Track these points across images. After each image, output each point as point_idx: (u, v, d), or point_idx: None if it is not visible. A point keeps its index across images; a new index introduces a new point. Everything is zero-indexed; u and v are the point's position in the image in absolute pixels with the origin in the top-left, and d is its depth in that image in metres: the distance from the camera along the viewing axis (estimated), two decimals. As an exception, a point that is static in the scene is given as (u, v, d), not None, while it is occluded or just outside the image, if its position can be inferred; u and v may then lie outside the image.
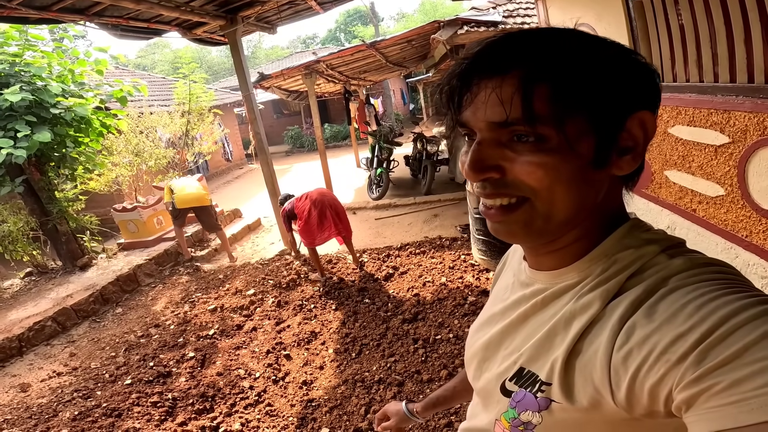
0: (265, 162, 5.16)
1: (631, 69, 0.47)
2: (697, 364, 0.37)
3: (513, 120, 0.45)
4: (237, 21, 4.70)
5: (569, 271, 0.53)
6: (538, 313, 0.55)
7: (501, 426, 0.57)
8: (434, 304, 3.61)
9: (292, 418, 2.64)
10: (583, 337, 0.47)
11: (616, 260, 0.49)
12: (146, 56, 36.03)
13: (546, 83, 0.44)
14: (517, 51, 0.46)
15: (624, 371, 0.42)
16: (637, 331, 0.42)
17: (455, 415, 2.42)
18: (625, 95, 0.46)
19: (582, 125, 0.45)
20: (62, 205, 5.42)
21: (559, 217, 0.48)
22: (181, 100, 8.46)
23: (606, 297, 0.47)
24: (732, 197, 2.20)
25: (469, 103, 0.49)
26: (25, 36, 5.06)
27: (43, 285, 5.14)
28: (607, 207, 0.51)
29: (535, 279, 0.57)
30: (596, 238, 0.51)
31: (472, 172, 0.49)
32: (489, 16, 5.57)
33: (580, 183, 0.47)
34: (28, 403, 3.08)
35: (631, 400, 0.42)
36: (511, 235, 0.52)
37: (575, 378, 0.47)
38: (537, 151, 0.46)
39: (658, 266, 0.46)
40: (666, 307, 0.42)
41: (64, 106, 4.99)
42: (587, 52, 0.46)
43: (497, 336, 0.61)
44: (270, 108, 19.24)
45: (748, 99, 1.99)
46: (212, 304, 4.25)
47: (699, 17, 2.18)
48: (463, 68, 0.49)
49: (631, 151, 0.48)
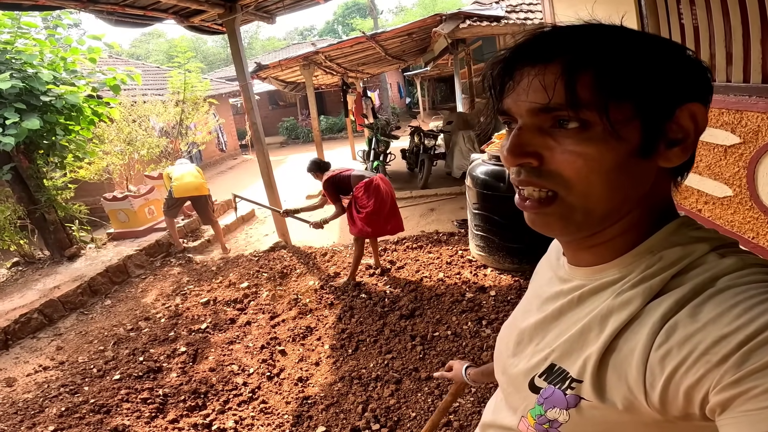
0: (261, 152, 5.06)
1: (682, 61, 0.46)
2: (738, 366, 0.35)
3: (555, 104, 0.44)
4: (236, 9, 4.60)
5: (611, 267, 0.51)
6: (574, 310, 0.54)
7: (526, 423, 0.56)
8: (432, 300, 3.56)
9: (287, 416, 2.58)
10: (620, 335, 0.46)
11: (662, 257, 0.47)
12: (140, 46, 35.51)
13: (590, 69, 0.44)
14: (561, 41, 0.46)
15: (660, 371, 0.41)
16: (679, 331, 0.40)
17: (454, 414, 2.38)
18: (674, 85, 0.45)
19: (627, 112, 0.44)
20: (51, 194, 5.29)
21: (600, 210, 0.47)
22: (175, 89, 8.31)
23: (648, 294, 0.45)
24: (740, 198, 2.16)
25: (511, 91, 0.49)
26: (17, 23, 4.95)
27: (29, 275, 5.02)
28: (654, 201, 0.50)
29: (574, 275, 0.56)
30: (642, 233, 0.50)
31: (511, 156, 0.48)
32: (492, 11, 5.50)
33: (623, 173, 0.45)
34: (14, 398, 2.99)
35: (665, 402, 0.41)
36: (548, 227, 0.50)
37: (608, 376, 0.46)
38: (579, 139, 0.45)
39: (706, 265, 0.44)
40: (712, 308, 0.39)
41: (55, 94, 4.88)
42: (633, 42, 0.45)
43: (530, 331, 0.60)
44: (266, 99, 19.08)
45: (762, 99, 1.95)
46: (205, 296, 4.17)
47: (715, 16, 2.13)
48: (506, 56, 0.49)
49: (680, 142, 0.46)
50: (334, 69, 8.72)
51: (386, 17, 42.45)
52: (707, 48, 2.23)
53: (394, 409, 2.49)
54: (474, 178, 3.82)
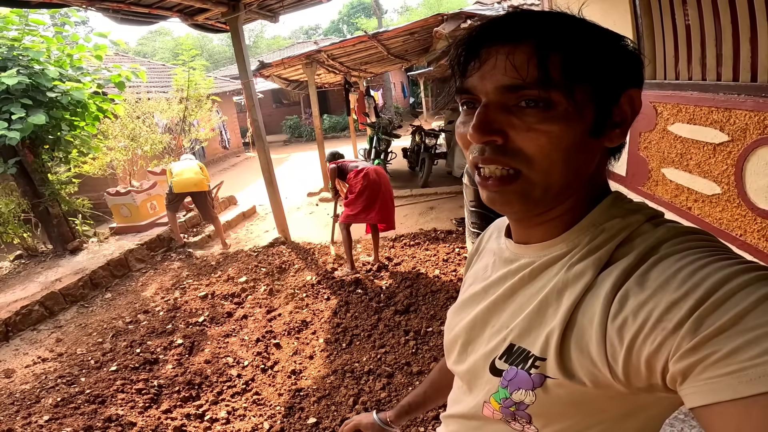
0: (262, 149, 5.11)
1: (626, 50, 0.50)
2: (693, 332, 0.36)
3: (528, 83, 0.46)
4: (239, 8, 4.64)
5: (558, 242, 0.53)
6: (526, 287, 0.54)
7: (490, 408, 0.55)
8: (427, 296, 3.59)
9: (279, 407, 2.62)
10: (578, 308, 0.47)
11: (604, 229, 0.49)
12: (147, 44, 35.75)
13: (559, 52, 0.46)
14: (531, 24, 0.48)
15: (620, 342, 0.41)
16: (631, 299, 0.41)
17: (443, 408, 2.39)
18: (621, 72, 0.49)
19: (586, 94, 0.47)
20: (55, 188, 5.37)
21: (557, 186, 0.49)
22: (179, 86, 8.38)
23: (598, 265, 0.47)
24: (728, 196, 2.17)
25: (476, 70, 0.50)
26: (25, 21, 5.04)
27: (32, 268, 5.09)
28: (596, 179, 0.53)
29: (521, 253, 0.57)
30: (585, 208, 0.52)
31: (478, 133, 0.49)
32: (493, 11, 5.51)
33: (579, 150, 0.48)
34: (11, 389, 3.04)
35: (629, 373, 0.41)
36: (507, 204, 0.51)
37: (572, 351, 0.46)
38: (544, 117, 0.46)
39: (645, 234, 0.47)
40: (658, 274, 0.41)
41: (61, 90, 4.97)
42: (592, 30, 0.49)
43: (482, 314, 0.59)
44: (269, 97, 19.14)
45: (750, 97, 1.96)
46: (203, 290, 4.21)
47: (706, 16, 2.15)
48: (472, 36, 0.51)
49: (621, 125, 0.50)
50: (336, 68, 8.74)
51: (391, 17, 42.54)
52: (698, 47, 2.24)
53: (385, 402, 2.52)
54: (470, 176, 3.83)
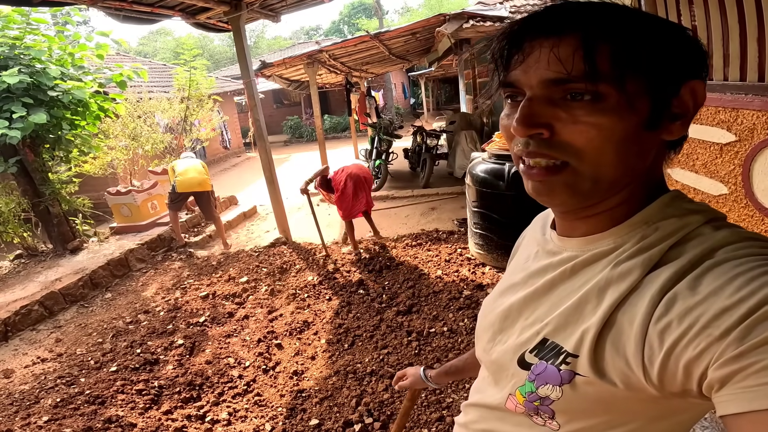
0: (264, 149, 5.09)
1: (685, 40, 0.47)
2: (740, 340, 0.34)
3: (574, 77, 0.44)
4: (241, 7, 4.63)
5: (605, 237, 0.51)
6: (566, 281, 0.53)
7: (514, 401, 0.55)
8: (429, 296, 3.57)
9: (281, 409, 2.59)
10: (619, 308, 0.45)
11: (658, 228, 0.47)
12: (148, 44, 35.76)
13: (607, 43, 0.44)
14: (575, 15, 0.46)
15: (659, 345, 0.40)
16: (679, 303, 0.40)
17: (447, 410, 2.38)
18: (681, 63, 0.47)
19: (640, 86, 0.45)
20: (55, 187, 5.35)
21: (607, 179, 0.47)
22: (181, 86, 8.37)
23: (647, 265, 0.45)
24: (735, 196, 2.15)
25: (519, 63, 0.48)
26: (27, 19, 5.03)
27: (32, 268, 5.07)
28: (652, 173, 0.51)
29: (565, 246, 0.55)
30: (638, 204, 0.50)
31: (522, 126, 0.47)
32: (496, 11, 5.50)
33: (632, 143, 0.46)
34: (10, 389, 3.01)
35: (664, 377, 0.40)
36: (552, 195, 0.50)
37: (606, 350, 0.45)
38: (592, 110, 0.45)
39: (702, 237, 0.44)
40: (712, 280, 0.39)
41: (62, 89, 4.95)
42: (643, 19, 0.47)
43: (518, 305, 0.58)
44: (270, 97, 19.14)
45: (758, 97, 1.95)
46: (204, 290, 4.19)
47: (713, 15, 2.13)
48: (515, 29, 0.49)
49: (681, 117, 0.48)
50: (338, 68, 8.74)
51: (392, 17, 42.57)
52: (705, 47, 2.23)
53: (388, 403, 2.50)
54: (473, 176, 3.82)
